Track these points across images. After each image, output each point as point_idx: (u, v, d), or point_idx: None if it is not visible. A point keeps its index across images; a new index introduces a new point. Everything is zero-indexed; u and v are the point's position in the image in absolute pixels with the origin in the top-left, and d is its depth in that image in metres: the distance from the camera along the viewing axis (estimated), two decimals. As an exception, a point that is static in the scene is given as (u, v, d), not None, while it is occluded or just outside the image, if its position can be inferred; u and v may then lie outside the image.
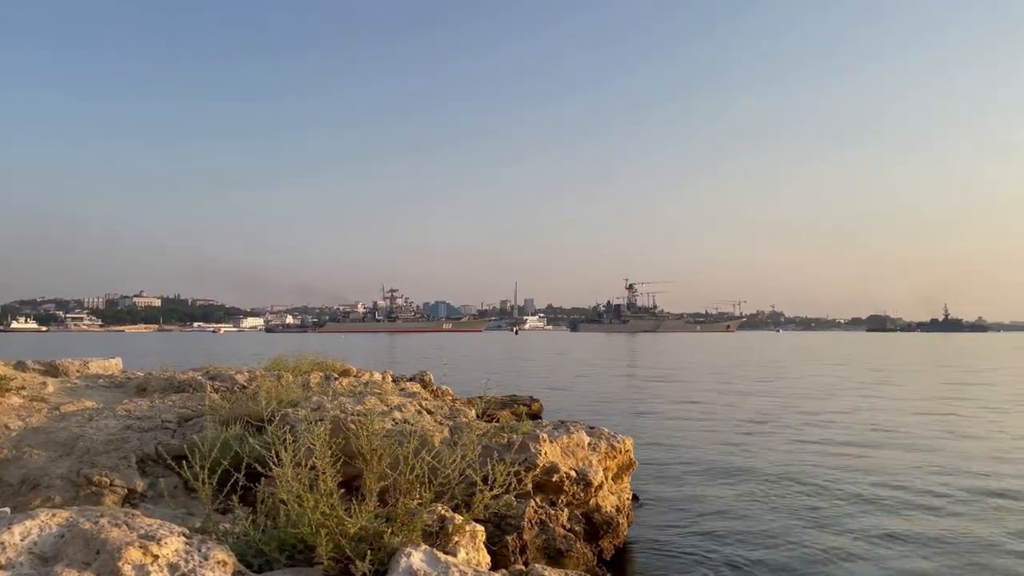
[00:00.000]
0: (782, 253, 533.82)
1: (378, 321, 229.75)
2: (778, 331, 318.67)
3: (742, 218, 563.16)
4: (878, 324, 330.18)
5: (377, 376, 14.45)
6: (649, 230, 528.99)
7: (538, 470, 7.48)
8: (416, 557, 3.21)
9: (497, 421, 9.43)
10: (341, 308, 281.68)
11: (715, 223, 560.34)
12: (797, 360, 54.38)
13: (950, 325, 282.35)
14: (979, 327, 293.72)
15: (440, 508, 3.89)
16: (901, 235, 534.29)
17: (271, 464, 3.71)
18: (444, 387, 16.11)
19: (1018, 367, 46.03)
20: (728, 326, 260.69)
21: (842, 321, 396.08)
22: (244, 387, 11.37)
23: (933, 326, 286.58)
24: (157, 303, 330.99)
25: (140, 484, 6.57)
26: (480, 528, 4.03)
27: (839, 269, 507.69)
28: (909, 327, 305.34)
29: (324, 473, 3.52)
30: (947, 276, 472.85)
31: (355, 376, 13.62)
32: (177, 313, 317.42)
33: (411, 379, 15.72)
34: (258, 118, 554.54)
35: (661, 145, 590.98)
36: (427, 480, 3.81)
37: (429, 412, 10.07)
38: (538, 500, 7.33)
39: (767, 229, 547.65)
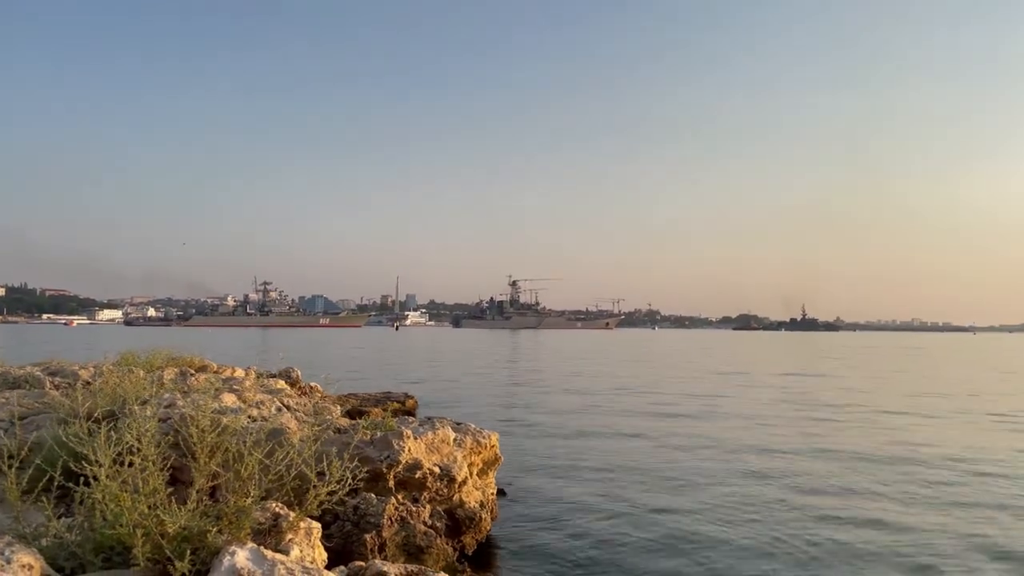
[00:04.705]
0: (659, 253, 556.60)
1: (250, 315, 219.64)
2: (654, 328, 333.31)
3: (621, 218, 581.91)
4: (744, 323, 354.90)
5: (240, 372, 13.89)
6: (533, 228, 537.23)
7: (400, 467, 7.43)
8: (241, 555, 3.10)
9: (365, 418, 9.29)
10: (209, 301, 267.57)
11: (596, 223, 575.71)
12: (672, 355, 56.93)
13: (807, 324, 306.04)
14: (833, 327, 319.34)
15: (274, 505, 3.78)
16: (768, 237, 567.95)
17: (90, 463, 3.47)
18: (313, 384, 15.69)
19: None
20: (608, 323, 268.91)
21: (713, 319, 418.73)
22: (88, 383, 10.62)
23: (792, 325, 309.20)
24: (0, 292, 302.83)
25: (-36, 487, 6.00)
26: (316, 524, 3.94)
27: (711, 269, 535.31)
28: (772, 326, 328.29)
29: (144, 472, 3.34)
30: (808, 278, 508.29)
31: (215, 372, 13.02)
32: (23, 303, 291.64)
33: (274, 375, 15.20)
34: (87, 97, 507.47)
35: (545, 144, 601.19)
36: (260, 477, 3.69)
37: (290, 409, 9.79)
38: (400, 497, 7.30)
39: (645, 230, 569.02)
